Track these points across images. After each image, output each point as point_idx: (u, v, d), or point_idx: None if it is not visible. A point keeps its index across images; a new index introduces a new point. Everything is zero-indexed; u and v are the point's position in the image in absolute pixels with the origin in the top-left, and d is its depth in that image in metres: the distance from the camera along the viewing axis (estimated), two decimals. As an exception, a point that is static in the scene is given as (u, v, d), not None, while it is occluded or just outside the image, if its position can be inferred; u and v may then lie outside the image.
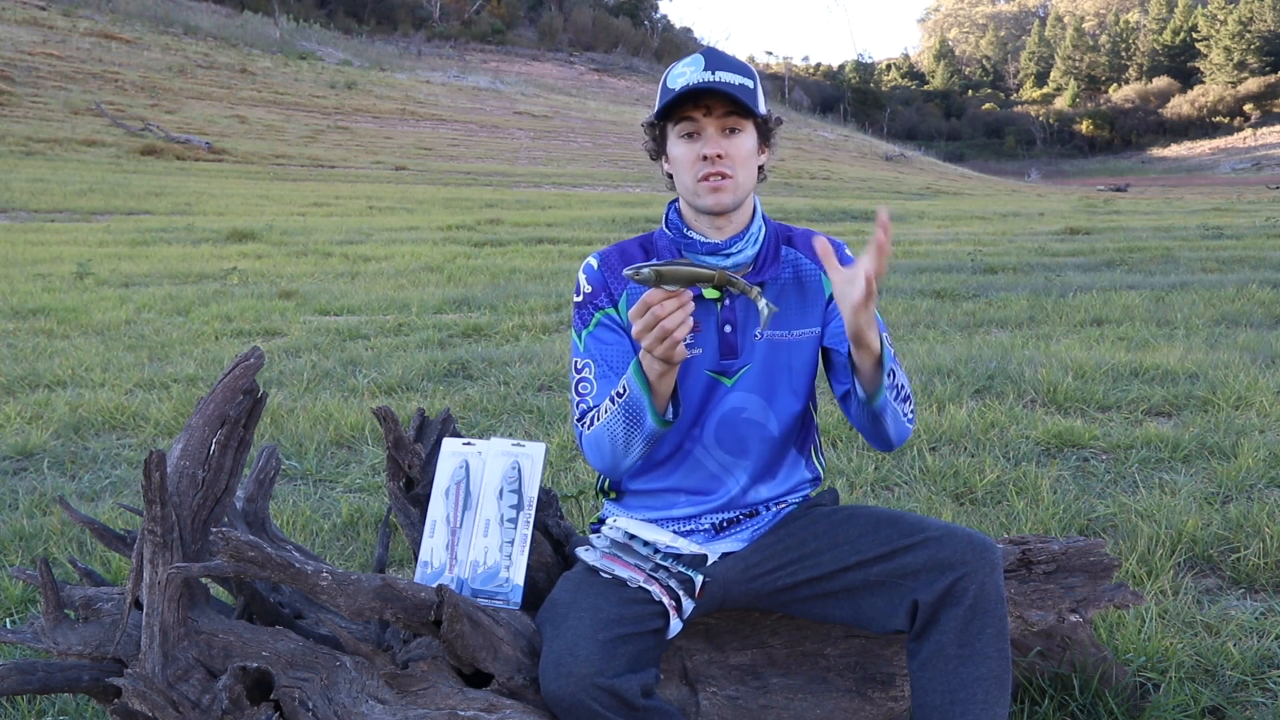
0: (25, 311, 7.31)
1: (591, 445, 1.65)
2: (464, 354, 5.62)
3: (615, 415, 1.58)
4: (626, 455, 1.62)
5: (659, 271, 1.42)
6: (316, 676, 1.48)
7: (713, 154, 1.60)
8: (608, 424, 1.60)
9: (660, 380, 1.53)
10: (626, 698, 1.44)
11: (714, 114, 1.60)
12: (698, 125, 1.61)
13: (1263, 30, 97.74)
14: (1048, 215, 19.90)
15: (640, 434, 1.58)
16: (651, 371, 1.51)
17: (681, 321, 1.43)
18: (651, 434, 1.58)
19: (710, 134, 1.61)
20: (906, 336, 6.31)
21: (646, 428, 1.57)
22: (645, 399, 1.54)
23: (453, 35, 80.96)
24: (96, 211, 16.37)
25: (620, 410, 1.57)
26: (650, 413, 1.55)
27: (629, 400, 1.55)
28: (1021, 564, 1.87)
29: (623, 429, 1.58)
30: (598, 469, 1.70)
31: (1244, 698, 2.02)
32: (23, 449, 3.90)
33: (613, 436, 1.60)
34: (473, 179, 29.17)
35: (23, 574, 1.69)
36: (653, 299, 1.43)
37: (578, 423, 1.70)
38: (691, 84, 1.58)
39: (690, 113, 1.61)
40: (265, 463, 1.89)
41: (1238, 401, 4.29)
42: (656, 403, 1.54)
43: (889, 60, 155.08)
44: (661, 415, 1.56)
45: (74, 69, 37.41)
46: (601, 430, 1.61)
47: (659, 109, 1.63)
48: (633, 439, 1.59)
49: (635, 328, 1.46)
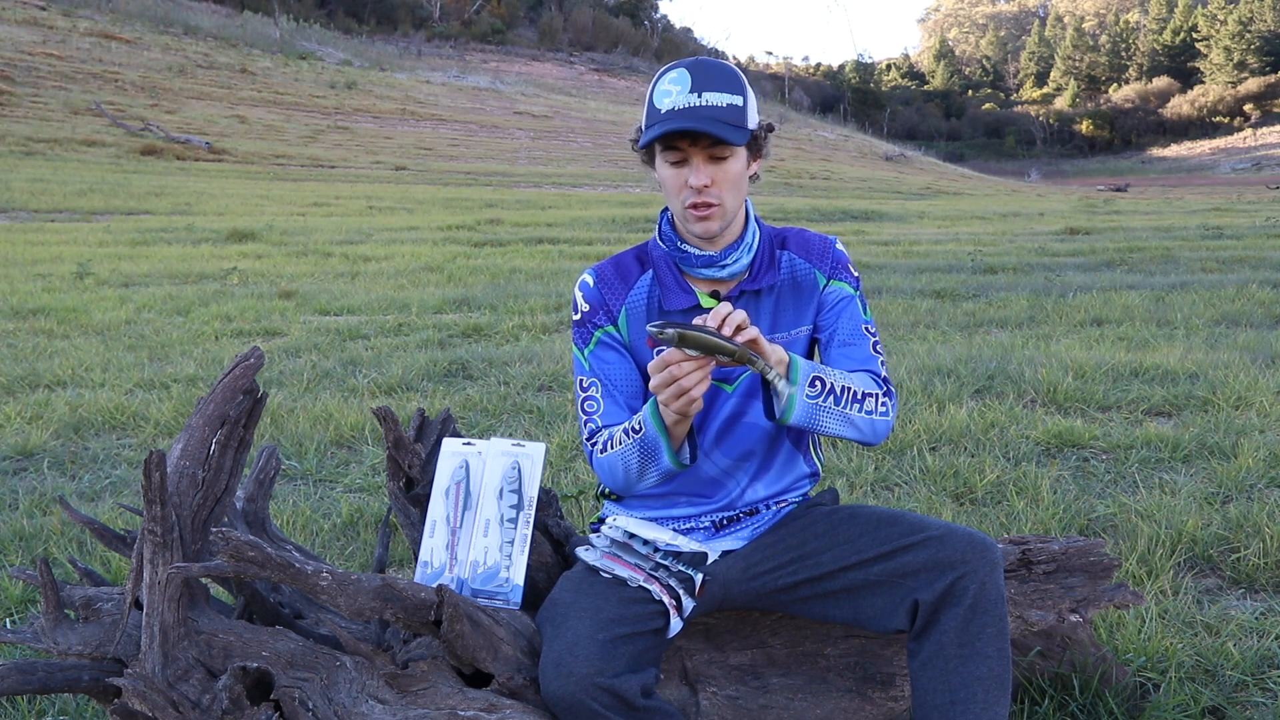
0: (25, 311, 7.31)
1: (605, 469, 1.68)
2: (464, 354, 5.62)
3: (630, 449, 1.61)
4: (641, 481, 1.65)
5: (682, 335, 1.42)
6: (316, 676, 1.48)
7: (699, 185, 1.58)
8: (622, 455, 1.62)
9: (675, 426, 1.56)
10: (626, 697, 1.44)
11: (700, 143, 1.57)
12: (684, 154, 1.59)
13: (1263, 30, 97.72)
14: (1048, 215, 19.90)
15: (656, 468, 1.61)
16: (667, 418, 1.54)
17: (699, 382, 1.45)
18: (668, 471, 1.61)
19: (696, 163, 1.58)
20: (906, 336, 6.31)
21: (663, 466, 1.60)
22: (663, 441, 1.57)
23: (453, 35, 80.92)
24: (96, 211, 16.36)
25: (636, 445, 1.60)
26: (668, 453, 1.58)
27: (645, 439, 1.58)
28: (1021, 564, 1.87)
29: (638, 462, 1.61)
30: (610, 488, 1.74)
31: (1244, 698, 2.02)
32: (23, 449, 3.90)
33: (627, 466, 1.63)
34: (473, 179, 29.17)
35: (23, 574, 1.69)
36: (672, 359, 1.45)
37: (587, 442, 1.72)
38: (678, 109, 1.55)
39: (676, 142, 1.58)
40: (265, 463, 1.89)
41: (1238, 401, 4.29)
42: (674, 445, 1.58)
43: (889, 60, 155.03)
44: (677, 455, 1.59)
45: (74, 69, 37.39)
46: (615, 458, 1.64)
47: (644, 139, 1.61)
48: (648, 471, 1.62)
49: (653, 382, 1.48)
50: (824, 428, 1.58)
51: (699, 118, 1.54)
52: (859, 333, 1.71)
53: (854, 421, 1.60)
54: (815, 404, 1.55)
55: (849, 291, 1.74)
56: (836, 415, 1.57)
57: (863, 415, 1.60)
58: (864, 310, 1.74)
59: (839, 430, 1.59)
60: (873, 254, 11.61)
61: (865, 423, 1.61)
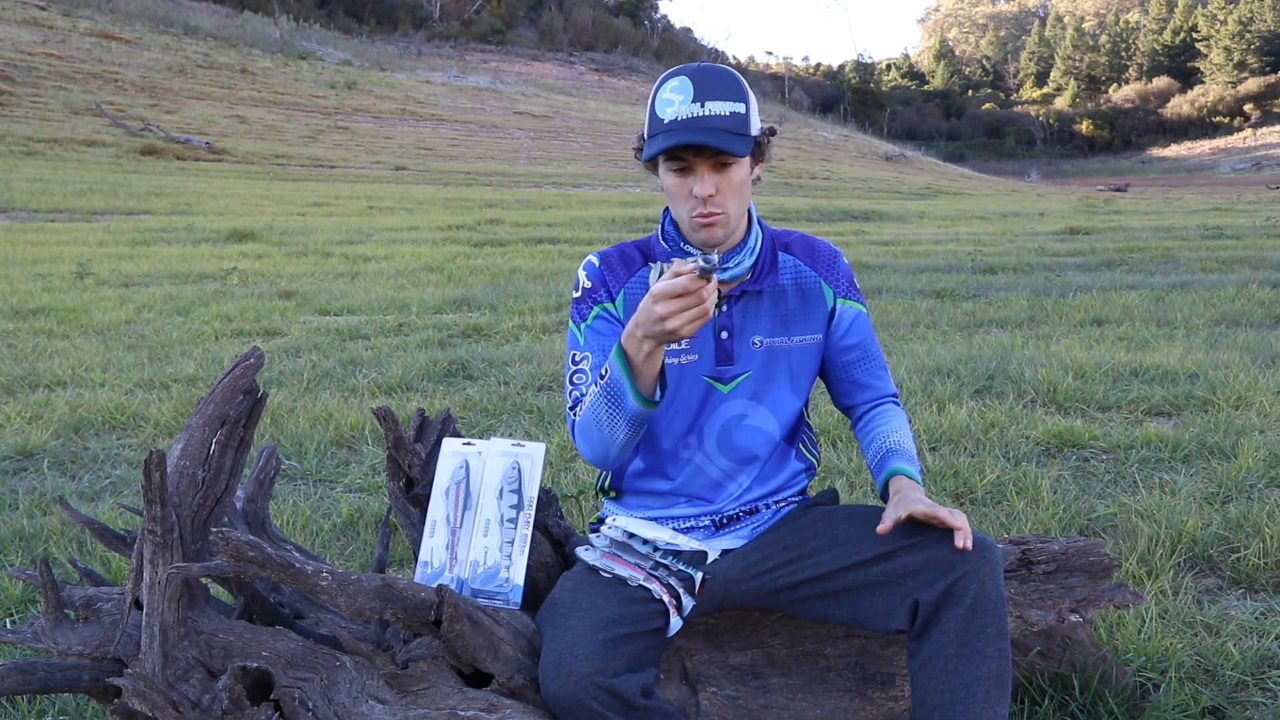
0: (25, 311, 7.31)
1: (581, 432, 1.65)
2: (464, 354, 5.62)
3: (598, 397, 1.58)
4: (613, 440, 1.61)
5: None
6: (316, 676, 1.48)
7: (704, 194, 1.59)
8: (592, 406, 1.60)
9: (647, 360, 1.50)
10: (626, 697, 1.44)
11: (704, 154, 1.58)
12: (688, 164, 1.60)
13: (1263, 30, 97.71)
14: (1048, 215, 19.89)
15: (623, 416, 1.56)
16: (639, 351, 1.49)
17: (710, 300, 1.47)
18: (635, 415, 1.56)
19: (701, 172, 1.59)
20: (906, 336, 6.31)
21: (629, 408, 1.55)
22: (626, 379, 1.52)
23: (453, 35, 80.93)
24: (96, 211, 16.36)
25: (602, 392, 1.56)
26: (632, 392, 1.53)
27: (610, 382, 1.55)
28: (1021, 564, 1.87)
29: (606, 411, 1.57)
30: (589, 459, 1.70)
31: (1244, 698, 2.02)
32: (23, 449, 3.90)
33: (597, 420, 1.59)
34: (473, 179, 29.16)
35: (23, 574, 1.69)
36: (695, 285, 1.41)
37: (570, 410, 1.70)
38: (681, 120, 1.56)
39: (681, 154, 1.59)
40: (265, 463, 1.89)
41: (1238, 401, 4.29)
42: (640, 384, 1.53)
43: (889, 60, 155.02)
44: (648, 397, 1.55)
45: (74, 69, 37.39)
46: (588, 414, 1.61)
47: (647, 152, 1.62)
48: (616, 422, 1.57)
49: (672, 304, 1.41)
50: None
51: (703, 129, 1.55)
52: (879, 355, 1.84)
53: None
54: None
55: (860, 309, 1.81)
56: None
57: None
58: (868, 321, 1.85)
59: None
60: (873, 254, 11.61)
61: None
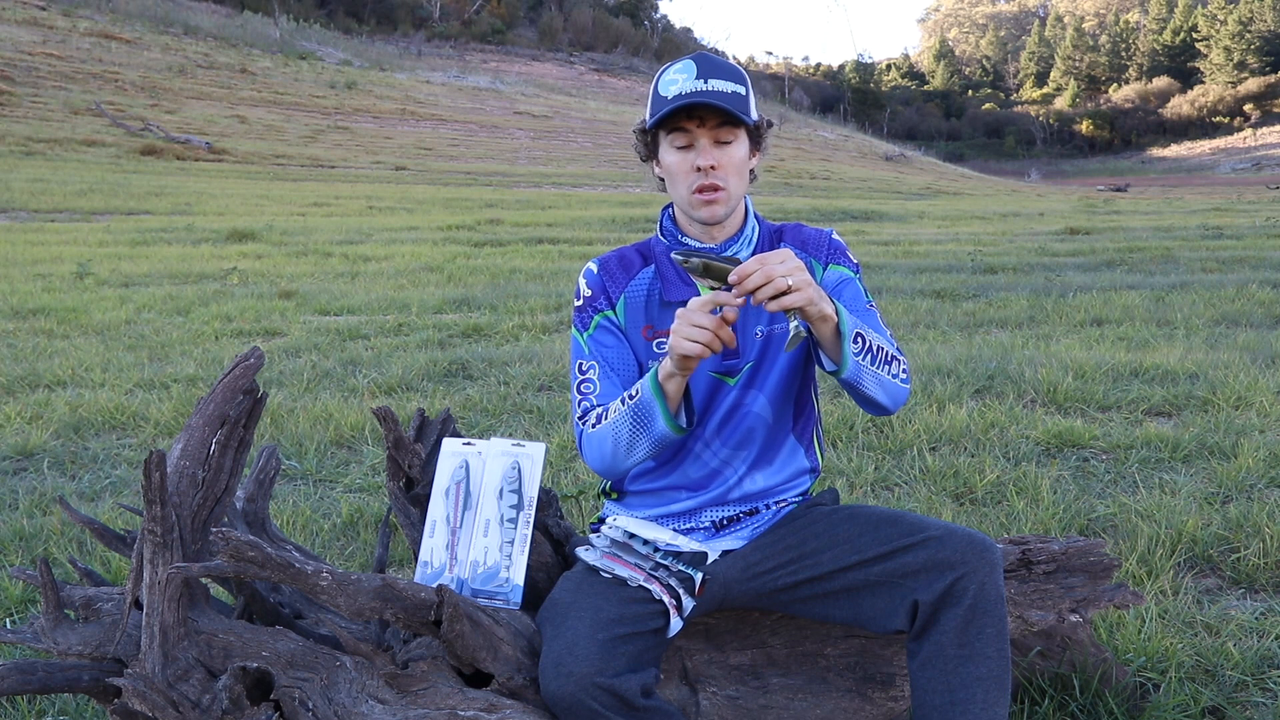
0: (25, 311, 7.31)
1: (593, 443, 1.68)
2: (464, 354, 5.62)
3: (623, 417, 1.61)
4: (628, 457, 1.64)
5: (706, 265, 1.47)
6: (316, 676, 1.48)
7: (706, 165, 1.62)
8: (614, 425, 1.63)
9: (670, 381, 1.56)
10: (626, 697, 1.44)
11: (707, 125, 1.62)
12: (691, 136, 1.63)
13: (1263, 30, 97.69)
14: (1048, 215, 19.89)
15: (648, 436, 1.60)
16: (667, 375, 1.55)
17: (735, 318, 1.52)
18: (662, 438, 1.60)
19: (703, 145, 1.63)
20: (907, 336, 6.31)
21: (657, 431, 1.59)
22: (658, 404, 1.57)
23: (453, 35, 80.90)
24: (96, 211, 16.35)
25: (629, 412, 1.60)
26: (663, 415, 1.57)
27: (640, 403, 1.59)
28: (1021, 564, 1.87)
29: (629, 431, 1.61)
30: (594, 467, 1.72)
31: (1244, 698, 2.02)
32: (23, 449, 3.90)
33: (617, 437, 1.63)
34: (473, 179, 29.16)
35: (23, 574, 1.69)
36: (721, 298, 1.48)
37: (579, 420, 1.72)
38: (685, 93, 1.60)
39: (683, 123, 1.63)
40: (265, 463, 1.89)
41: (1238, 401, 4.29)
42: (669, 406, 1.57)
43: (889, 60, 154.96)
44: (675, 418, 1.59)
45: (74, 69, 37.38)
46: (606, 430, 1.64)
47: (652, 119, 1.65)
48: (638, 441, 1.61)
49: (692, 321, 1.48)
50: (863, 385, 1.58)
51: (707, 97, 1.59)
52: (864, 310, 1.71)
53: (884, 384, 1.60)
54: (859, 361, 1.55)
55: (848, 274, 1.75)
56: (872, 376, 1.58)
57: (889, 379, 1.61)
58: (865, 292, 1.75)
59: (872, 392, 1.59)
60: (873, 254, 11.61)
61: (892, 387, 1.61)
